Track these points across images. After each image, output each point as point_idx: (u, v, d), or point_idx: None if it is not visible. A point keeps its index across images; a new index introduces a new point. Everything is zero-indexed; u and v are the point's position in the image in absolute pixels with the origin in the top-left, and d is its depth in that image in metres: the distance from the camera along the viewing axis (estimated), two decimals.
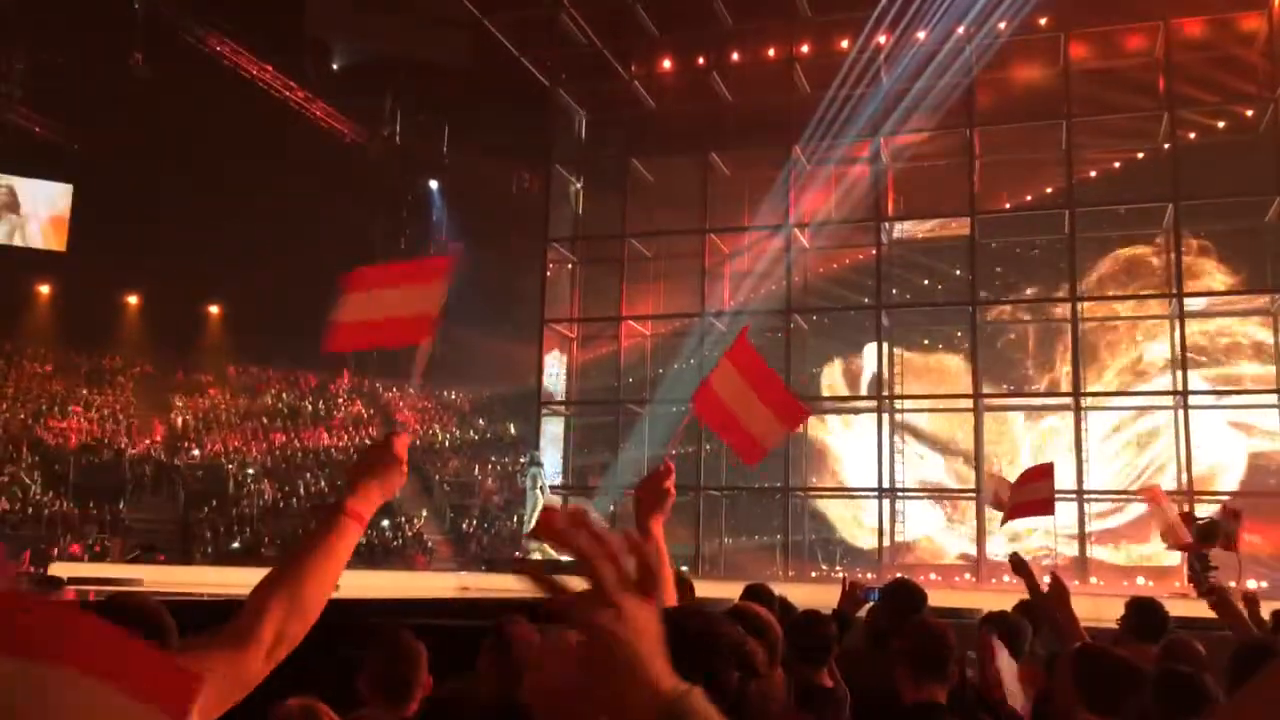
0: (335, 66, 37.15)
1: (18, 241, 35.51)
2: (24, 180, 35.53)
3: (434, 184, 39.54)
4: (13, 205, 35.56)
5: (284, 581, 1.64)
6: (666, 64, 28.39)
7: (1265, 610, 5.53)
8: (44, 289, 36.06)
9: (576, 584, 1.22)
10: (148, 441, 32.49)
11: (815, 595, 8.39)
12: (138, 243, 32.38)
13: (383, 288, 2.84)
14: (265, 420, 35.84)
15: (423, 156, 38.16)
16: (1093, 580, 21.76)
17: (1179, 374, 23.23)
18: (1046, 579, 5.30)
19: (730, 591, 4.93)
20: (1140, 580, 21.22)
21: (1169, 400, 23.83)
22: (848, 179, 25.46)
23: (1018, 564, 5.52)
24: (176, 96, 30.01)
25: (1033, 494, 7.14)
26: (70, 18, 29.00)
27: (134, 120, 31.27)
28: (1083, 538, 22.75)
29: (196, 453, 32.55)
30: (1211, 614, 5.25)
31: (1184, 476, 22.43)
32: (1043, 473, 7.48)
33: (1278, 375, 23.19)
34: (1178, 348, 23.33)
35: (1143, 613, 5.01)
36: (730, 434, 3.58)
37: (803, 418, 3.49)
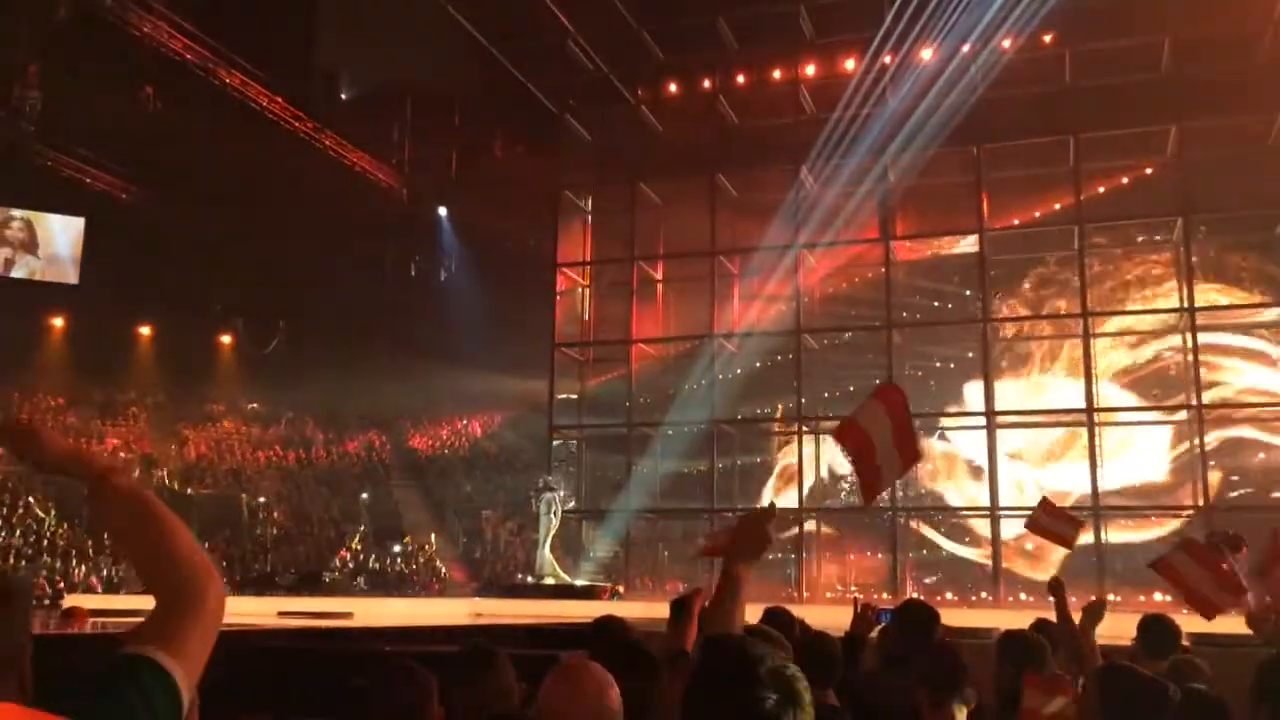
0: (345, 97, 37.46)
1: (36, 276, 35.77)
2: (38, 214, 35.83)
3: (443, 211, 39.74)
4: (30, 245, 35.84)
5: (157, 544, 1.65)
6: (673, 88, 28.54)
7: None
8: (57, 321, 36.29)
9: None
10: (161, 472, 32.58)
11: (829, 617, 8.35)
12: (150, 274, 32.61)
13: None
14: (278, 449, 35.93)
15: (432, 184, 38.38)
16: (1111, 597, 21.57)
17: (1192, 387, 23.14)
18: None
19: (747, 614, 4.91)
20: (1158, 596, 21.04)
21: (1183, 414, 23.75)
22: (855, 198, 25.48)
23: (1056, 587, 5.47)
24: (187, 129, 30.27)
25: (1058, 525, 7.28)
26: (81, 52, 29.32)
27: (145, 153, 31.55)
28: (1099, 554, 22.55)
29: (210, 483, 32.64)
30: (1227, 630, 5.21)
31: (1200, 492, 22.34)
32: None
33: None
34: (1190, 361, 23.24)
35: (1155, 630, 5.00)
36: (863, 465, 4.22)
37: (916, 460, 4.52)
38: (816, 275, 27.10)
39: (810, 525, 25.86)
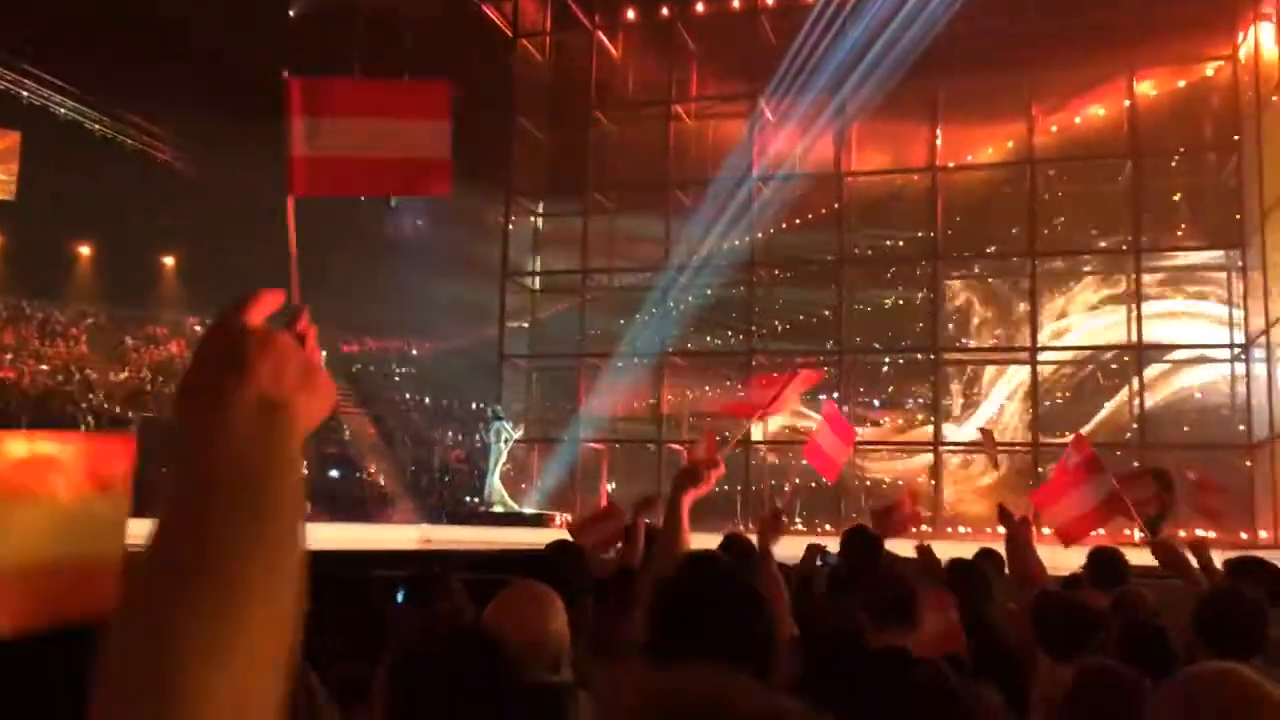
0: (292, 15, 36.33)
1: None
2: None
3: None
4: None
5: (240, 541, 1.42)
6: (630, 14, 28.04)
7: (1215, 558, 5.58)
8: None
9: None
10: (102, 394, 32.05)
11: (777, 547, 8.45)
12: (89, 192, 31.72)
13: (370, 115, 2.20)
14: None
15: None
16: (1044, 531, 22.13)
17: (1134, 326, 23.52)
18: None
19: (697, 542, 4.95)
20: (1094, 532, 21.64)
21: (1126, 355, 24.21)
22: (812, 132, 25.35)
23: (1004, 515, 5.56)
24: (127, 35, 29.23)
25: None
26: None
27: (83, 64, 30.52)
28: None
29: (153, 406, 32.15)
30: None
31: (1136, 429, 22.92)
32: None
33: (1230, 328, 23.55)
34: (1134, 300, 23.62)
35: (1103, 563, 5.12)
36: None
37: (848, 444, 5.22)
38: (771, 209, 26.99)
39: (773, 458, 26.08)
